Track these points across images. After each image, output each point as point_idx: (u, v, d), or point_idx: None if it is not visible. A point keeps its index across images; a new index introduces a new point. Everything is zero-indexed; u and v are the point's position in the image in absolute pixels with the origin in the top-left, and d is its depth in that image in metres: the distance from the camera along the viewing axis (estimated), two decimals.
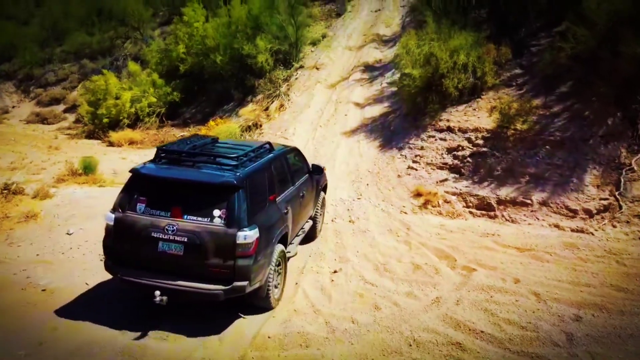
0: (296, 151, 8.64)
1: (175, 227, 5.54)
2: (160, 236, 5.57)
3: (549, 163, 10.73)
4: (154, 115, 18.80)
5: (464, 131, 12.33)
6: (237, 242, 5.47)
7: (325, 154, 13.64)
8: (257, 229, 5.62)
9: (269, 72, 19.19)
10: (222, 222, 5.55)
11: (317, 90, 18.34)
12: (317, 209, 8.86)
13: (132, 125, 18.32)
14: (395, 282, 7.23)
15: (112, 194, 10.61)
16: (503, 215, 10.33)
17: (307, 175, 8.42)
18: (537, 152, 11.00)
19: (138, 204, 5.76)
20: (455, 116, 12.95)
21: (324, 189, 9.68)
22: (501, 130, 11.68)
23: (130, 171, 6.13)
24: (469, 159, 11.70)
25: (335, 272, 7.65)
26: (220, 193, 5.62)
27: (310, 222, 8.58)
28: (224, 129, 16.39)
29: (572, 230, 9.48)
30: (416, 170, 12.11)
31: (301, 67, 20.20)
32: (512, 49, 14.05)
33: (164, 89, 19.07)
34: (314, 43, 22.34)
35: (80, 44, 28.00)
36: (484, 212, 10.56)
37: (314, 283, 7.26)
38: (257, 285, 5.83)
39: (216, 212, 5.57)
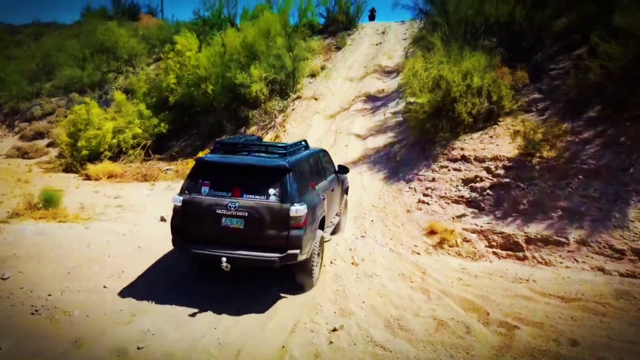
0: (325, 151, 9.57)
1: (236, 204, 6.31)
2: (224, 212, 6.33)
3: (584, 195, 9.17)
4: (139, 147, 17.36)
5: (481, 160, 10.83)
6: (291, 215, 6.29)
7: None
8: (306, 205, 6.48)
9: (263, 103, 17.97)
10: (277, 198, 6.38)
11: (316, 120, 17.04)
12: (341, 207, 9.65)
13: (115, 158, 16.85)
14: (414, 345, 5.48)
15: (71, 231, 9.59)
16: (534, 257, 8.67)
17: (334, 174, 9.27)
18: (569, 183, 9.45)
19: (203, 187, 6.56)
20: (470, 144, 11.49)
21: (346, 191, 10.29)
22: (525, 159, 10.19)
23: (195, 160, 7.31)
24: (489, 191, 10.14)
25: (334, 330, 5.89)
26: (275, 175, 6.48)
27: (338, 218, 9.27)
28: None
29: (622, 275, 7.81)
30: (428, 204, 10.54)
31: (298, 97, 19.00)
32: (529, 74, 12.78)
33: (150, 120, 17.73)
34: (312, 75, 21.33)
35: (70, 78, 27.00)
36: (510, 252, 8.91)
37: (307, 346, 5.50)
38: (306, 256, 6.60)
39: (272, 191, 6.40)
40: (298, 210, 6.31)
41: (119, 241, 8.66)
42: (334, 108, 17.92)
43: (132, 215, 10.56)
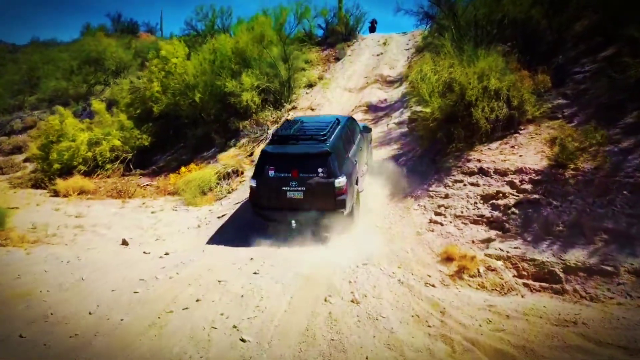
0: (352, 119, 11.63)
1: (296, 182, 8.67)
2: (287, 188, 8.72)
3: (632, 215, 7.57)
4: (118, 161, 15.78)
5: (502, 173, 9.26)
6: (335, 186, 8.56)
7: None
8: (345, 177, 8.69)
9: (255, 113, 16.47)
10: (324, 175, 8.60)
11: None
12: (369, 156, 11.78)
13: (91, 173, 15.26)
14: None
15: (8, 257, 7.49)
16: (576, 291, 7.04)
17: (360, 134, 11.15)
18: (613, 200, 7.85)
19: (270, 171, 8.81)
20: (489, 155, 9.93)
21: (370, 141, 12.34)
22: (556, 171, 8.61)
23: (261, 151, 9.39)
24: (514, 209, 8.53)
25: None
26: (321, 157, 8.66)
27: (367, 166, 11.15)
28: (197, 176, 13.41)
29: None
30: (441, 225, 8.93)
31: (294, 108, 17.53)
32: (551, 78, 11.28)
33: (132, 132, 16.18)
34: (310, 85, 19.91)
35: (55, 90, 25.62)
36: (545, 284, 7.28)
37: None
38: (348, 211, 8.88)
39: (319, 170, 8.62)
40: (340, 182, 8.58)
41: (60, 271, 7.06)
42: None
43: (89, 237, 9.00)
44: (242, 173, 13.91)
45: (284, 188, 8.68)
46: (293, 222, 8.75)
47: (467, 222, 8.79)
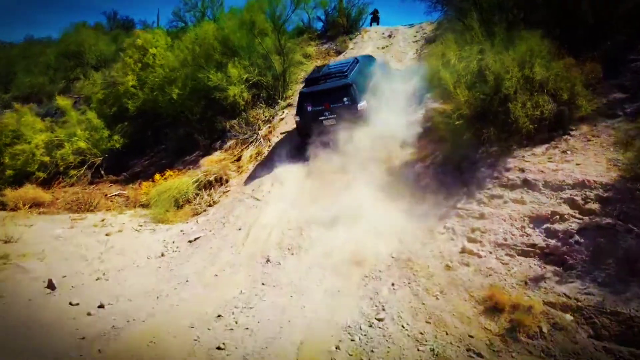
0: (370, 56, 14.50)
1: (329, 111, 10.86)
2: (323, 117, 10.98)
3: None
4: (85, 167, 13.59)
5: (556, 188, 7.09)
6: (358, 109, 10.68)
7: (317, 230, 8.32)
8: (365, 101, 10.84)
9: (244, 111, 14.29)
10: (349, 102, 10.72)
11: None
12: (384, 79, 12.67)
13: (51, 180, 13.08)
14: None
15: None
16: None
17: (377, 67, 13.05)
18: None
19: (307, 107, 11.13)
20: (533, 163, 7.76)
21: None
22: (635, 186, 6.44)
23: (299, 92, 11.76)
24: (577, 237, 6.36)
25: None
26: (345, 89, 10.81)
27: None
28: (173, 185, 11.24)
29: None
30: (479, 256, 6.76)
31: (289, 105, 15.34)
32: (602, 66, 9.10)
33: (101, 133, 13.99)
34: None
35: (31, 86, 23.43)
36: (636, 349, 5.12)
37: None
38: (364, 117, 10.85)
39: (345, 98, 10.75)
40: (362, 105, 10.75)
41: None
42: None
43: (7, 275, 6.76)
44: (227, 181, 11.74)
45: (320, 117, 10.97)
46: (331, 142, 10.70)
47: (513, 253, 6.62)
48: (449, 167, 9.24)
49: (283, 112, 14.67)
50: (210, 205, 10.77)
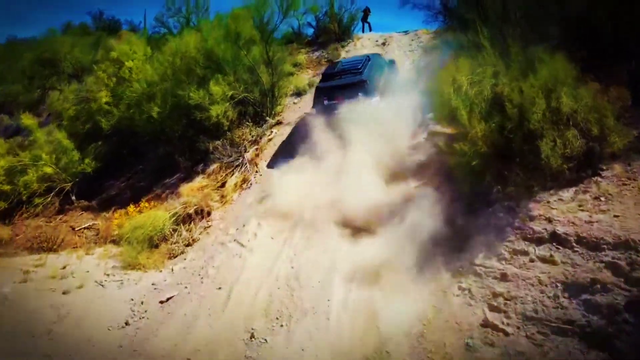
0: (379, 55, 14.76)
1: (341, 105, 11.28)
2: (337, 110, 11.27)
3: None
4: (52, 194, 12.28)
5: (593, 246, 6.01)
6: (371, 102, 11.08)
7: (310, 290, 7.15)
8: (378, 97, 11.38)
9: (229, 131, 13.10)
10: (364, 96, 11.15)
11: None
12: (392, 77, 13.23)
13: (13, 211, 11.75)
14: None
15: None
16: None
17: (386, 65, 13.62)
18: None
19: (324, 100, 11.66)
20: (562, 211, 6.69)
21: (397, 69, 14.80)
22: None
23: (315, 87, 12.63)
24: (626, 314, 5.28)
25: None
26: (359, 85, 11.36)
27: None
28: (147, 220, 10.01)
29: None
30: (505, 333, 5.67)
31: (279, 123, 14.17)
32: (630, 92, 8.05)
33: (71, 155, 12.68)
34: (298, 93, 16.54)
35: (4, 95, 21.98)
36: None
37: None
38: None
39: (359, 93, 11.17)
40: (375, 99, 11.26)
41: None
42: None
43: None
44: (209, 214, 10.54)
45: (335, 111, 11.24)
46: None
47: (546, 330, 5.52)
48: (459, 207, 8.15)
49: (271, 131, 13.49)
50: (189, 244, 9.57)
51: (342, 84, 11.71)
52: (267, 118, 14.01)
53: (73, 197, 13.12)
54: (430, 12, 14.20)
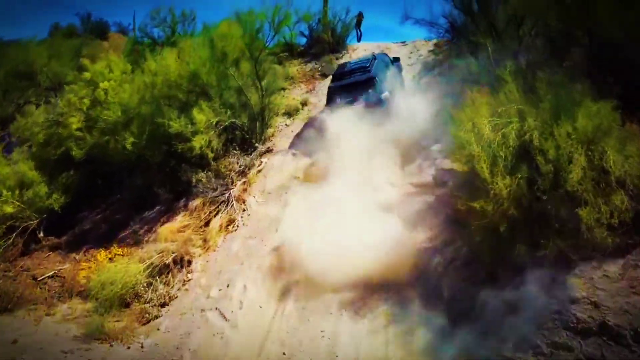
0: (384, 53, 15.41)
1: (357, 101, 11.96)
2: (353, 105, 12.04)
3: None
4: (14, 234, 10.94)
5: None
6: (382, 97, 11.92)
7: None
8: (387, 92, 12.11)
9: (214, 161, 11.87)
10: (374, 92, 12.00)
11: (295, 190, 10.95)
12: (401, 78, 14.37)
13: None
14: None
15: None
16: None
17: (391, 63, 14.24)
18: None
19: (337, 99, 12.37)
20: (611, 293, 5.55)
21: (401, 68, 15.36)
22: None
23: (328, 87, 13.22)
24: None
25: None
26: (369, 82, 12.17)
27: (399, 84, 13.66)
28: (119, 273, 8.74)
29: None
30: None
31: (269, 150, 12.96)
32: None
33: (38, 189, 11.37)
34: (289, 113, 15.35)
35: None
36: None
37: None
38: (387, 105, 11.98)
39: (370, 90, 12.02)
40: (385, 95, 12.00)
41: None
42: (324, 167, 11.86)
43: None
44: (189, 263, 9.29)
45: (353, 105, 11.89)
46: None
47: None
48: (477, 271, 6.99)
49: (261, 160, 12.25)
50: (165, 304, 8.33)
51: (352, 82, 12.48)
52: (257, 144, 12.77)
53: (41, 234, 11.81)
54: (434, 29, 13.12)
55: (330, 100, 12.65)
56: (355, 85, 12.34)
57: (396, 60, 15.11)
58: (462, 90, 11.73)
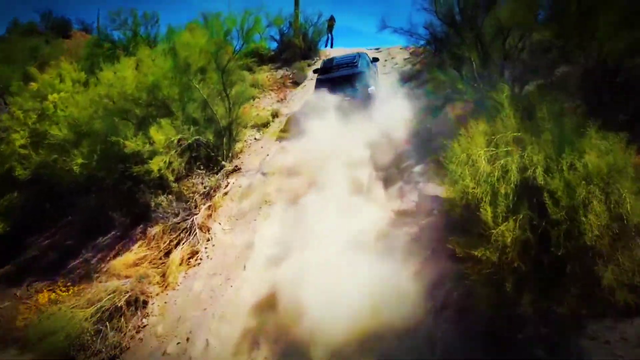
0: (365, 54, 14.98)
1: (344, 94, 12.31)
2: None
3: None
4: None
5: None
6: (369, 92, 12.25)
7: None
8: (374, 86, 12.67)
9: (176, 181, 10.76)
10: (362, 85, 12.33)
11: (265, 216, 9.95)
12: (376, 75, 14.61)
13: None
14: None
15: None
16: None
17: (371, 62, 14.70)
18: None
19: (325, 90, 12.54)
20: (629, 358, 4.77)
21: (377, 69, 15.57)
22: None
23: (316, 79, 13.78)
24: None
25: None
26: (357, 76, 12.60)
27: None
28: (62, 320, 7.57)
29: None
30: None
31: (236, 169, 11.90)
32: None
33: None
34: (260, 126, 14.34)
35: None
36: None
37: None
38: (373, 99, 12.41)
39: (357, 84, 12.37)
40: (373, 89, 12.46)
41: None
42: (298, 187, 10.86)
43: None
44: (145, 305, 8.19)
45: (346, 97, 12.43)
46: None
47: None
48: (474, 324, 6.16)
49: (227, 181, 11.20)
50: (115, 357, 7.22)
51: (342, 76, 12.94)
52: (223, 162, 11.71)
53: None
54: (413, 39, 12.30)
55: (317, 89, 13.16)
56: (345, 78, 12.79)
57: (375, 60, 15.57)
58: (444, 105, 10.99)
